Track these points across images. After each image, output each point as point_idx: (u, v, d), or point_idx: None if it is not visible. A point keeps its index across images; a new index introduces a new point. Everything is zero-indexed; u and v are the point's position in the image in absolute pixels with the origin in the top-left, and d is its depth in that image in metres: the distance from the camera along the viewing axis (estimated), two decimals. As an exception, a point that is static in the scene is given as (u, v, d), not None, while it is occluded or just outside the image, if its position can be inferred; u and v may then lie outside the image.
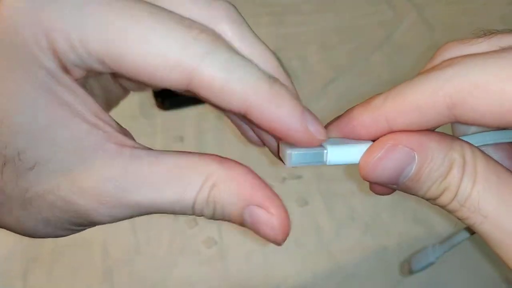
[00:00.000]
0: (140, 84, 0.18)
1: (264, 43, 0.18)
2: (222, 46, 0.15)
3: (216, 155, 0.18)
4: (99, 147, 0.15)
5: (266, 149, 0.48)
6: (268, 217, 0.16)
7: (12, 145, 0.14)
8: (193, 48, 0.14)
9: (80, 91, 0.15)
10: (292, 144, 0.17)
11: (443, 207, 0.18)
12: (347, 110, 0.20)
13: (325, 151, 0.18)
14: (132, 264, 0.40)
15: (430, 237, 0.41)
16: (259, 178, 0.17)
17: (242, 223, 0.17)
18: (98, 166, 0.14)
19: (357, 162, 0.18)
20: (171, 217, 0.43)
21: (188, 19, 0.15)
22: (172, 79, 0.14)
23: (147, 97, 0.55)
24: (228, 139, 0.50)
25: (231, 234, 0.41)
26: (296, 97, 0.17)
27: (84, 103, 0.15)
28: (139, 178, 0.15)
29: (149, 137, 0.49)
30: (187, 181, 0.15)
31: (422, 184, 0.17)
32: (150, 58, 0.13)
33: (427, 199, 0.18)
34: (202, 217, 0.18)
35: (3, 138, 0.13)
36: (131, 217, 0.16)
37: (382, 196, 0.45)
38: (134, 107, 0.53)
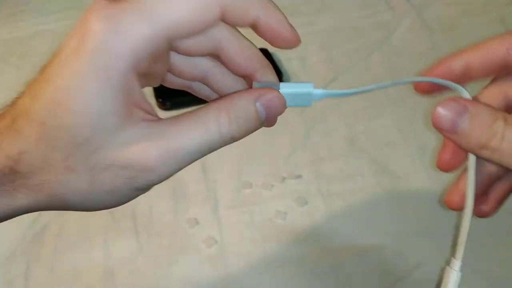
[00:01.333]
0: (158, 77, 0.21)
1: None
2: None
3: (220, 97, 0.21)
4: (140, 126, 0.18)
5: (266, 149, 0.49)
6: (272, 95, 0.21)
7: (83, 134, 0.17)
8: None
9: (137, 89, 0.19)
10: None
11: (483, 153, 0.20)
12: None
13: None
14: (133, 263, 0.40)
15: (429, 236, 0.41)
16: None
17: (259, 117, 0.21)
18: (138, 138, 0.18)
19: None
20: (172, 216, 0.43)
21: None
22: (210, 20, 0.18)
23: (148, 98, 0.55)
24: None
25: (231, 233, 0.41)
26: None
27: (137, 101, 0.19)
28: (175, 132, 0.19)
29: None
30: (206, 122, 0.19)
31: (475, 133, 0.20)
32: (196, 13, 0.17)
33: (479, 149, 0.20)
34: (203, 216, 0.19)
35: (75, 129, 0.17)
36: (180, 168, 0.20)
37: (380, 197, 0.45)
38: (135, 108, 0.53)
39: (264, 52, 0.59)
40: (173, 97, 0.53)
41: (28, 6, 0.72)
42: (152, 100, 0.54)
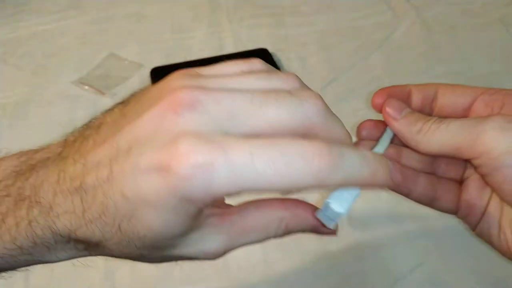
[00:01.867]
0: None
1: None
2: (349, 148, 0.19)
3: (283, 200, 0.22)
4: (212, 226, 0.21)
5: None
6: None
7: (159, 244, 0.19)
8: (320, 168, 0.17)
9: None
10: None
11: None
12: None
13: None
14: (133, 263, 0.40)
15: (428, 235, 0.41)
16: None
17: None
18: (210, 239, 0.21)
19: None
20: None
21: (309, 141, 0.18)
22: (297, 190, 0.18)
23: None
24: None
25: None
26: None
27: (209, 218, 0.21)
28: (241, 231, 0.21)
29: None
30: (268, 227, 0.21)
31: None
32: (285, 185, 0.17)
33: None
34: None
35: (155, 243, 0.19)
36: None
37: (379, 197, 0.45)
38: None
39: (264, 52, 0.60)
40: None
41: (28, 6, 0.72)
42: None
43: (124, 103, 0.21)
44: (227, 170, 0.16)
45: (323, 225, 0.22)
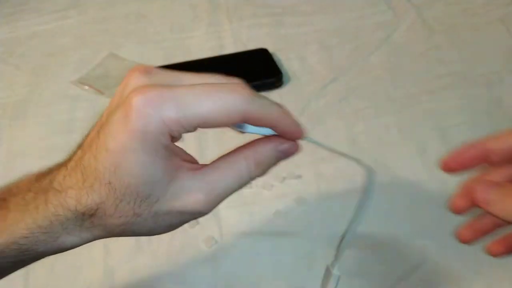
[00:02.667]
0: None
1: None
2: (255, 95, 0.23)
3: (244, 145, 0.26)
4: (187, 177, 0.24)
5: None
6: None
7: (144, 192, 0.22)
8: (243, 100, 0.23)
9: (177, 149, 0.25)
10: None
11: None
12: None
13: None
14: (133, 263, 0.40)
15: (426, 236, 0.41)
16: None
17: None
18: (188, 188, 0.24)
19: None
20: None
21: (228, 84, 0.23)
22: (232, 120, 0.23)
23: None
24: (228, 138, 0.50)
25: (231, 233, 0.41)
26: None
27: (179, 155, 0.25)
28: (216, 179, 0.24)
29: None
30: (238, 168, 0.25)
31: None
32: (221, 113, 0.22)
33: None
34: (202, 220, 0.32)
35: (137, 188, 0.22)
36: (219, 204, 0.25)
37: (380, 197, 0.45)
38: (135, 108, 0.54)
39: (264, 52, 0.60)
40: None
41: (28, 6, 0.73)
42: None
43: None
44: (174, 101, 0.21)
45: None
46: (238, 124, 0.25)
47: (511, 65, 0.60)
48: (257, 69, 0.57)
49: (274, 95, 0.56)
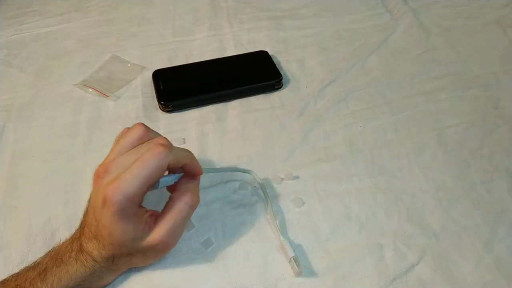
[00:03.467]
0: None
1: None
2: (170, 149, 0.35)
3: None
4: (148, 229, 0.36)
5: (266, 150, 0.50)
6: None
7: (132, 246, 0.35)
8: (165, 158, 0.34)
9: (141, 209, 0.36)
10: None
11: None
12: None
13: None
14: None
15: (425, 235, 0.42)
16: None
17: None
18: (155, 230, 0.36)
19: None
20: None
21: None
22: (164, 170, 0.35)
23: (151, 101, 0.56)
24: (228, 140, 0.51)
25: (229, 234, 0.42)
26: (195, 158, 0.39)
27: (143, 212, 0.36)
28: (168, 217, 0.36)
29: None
30: (180, 206, 0.37)
31: None
32: (157, 174, 0.35)
33: None
34: (200, 220, 0.43)
35: (127, 246, 0.35)
36: (175, 235, 0.37)
37: (377, 197, 0.45)
38: (139, 110, 0.54)
39: (264, 54, 0.60)
40: (174, 100, 0.54)
41: (31, 9, 0.73)
42: (154, 102, 0.55)
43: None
44: (125, 184, 0.33)
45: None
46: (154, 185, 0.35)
47: (507, 66, 0.61)
48: (257, 71, 0.58)
49: (273, 97, 0.56)
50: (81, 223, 0.38)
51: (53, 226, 0.42)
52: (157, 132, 0.38)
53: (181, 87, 0.55)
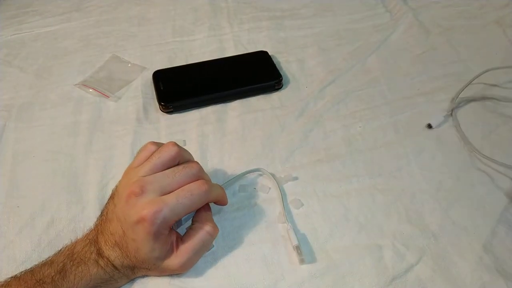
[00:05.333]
0: None
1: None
2: (210, 186, 0.38)
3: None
4: (171, 252, 0.37)
5: (265, 151, 0.50)
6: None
7: (153, 263, 0.37)
8: (206, 194, 0.37)
9: (172, 234, 0.37)
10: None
11: None
12: None
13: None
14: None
15: (424, 235, 0.42)
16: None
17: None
18: (175, 254, 0.37)
19: None
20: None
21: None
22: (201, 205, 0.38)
23: (152, 101, 0.56)
24: (228, 141, 0.51)
25: (229, 235, 0.42)
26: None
27: (172, 238, 0.37)
28: (187, 245, 0.38)
29: (153, 140, 0.50)
30: (202, 234, 0.39)
31: None
32: (196, 206, 0.38)
33: None
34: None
35: (151, 263, 0.37)
36: (193, 262, 0.39)
37: (376, 197, 0.45)
38: (139, 111, 0.54)
39: (264, 54, 0.60)
40: (175, 101, 0.54)
41: (31, 8, 0.73)
42: (155, 103, 0.55)
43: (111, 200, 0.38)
44: (168, 209, 0.34)
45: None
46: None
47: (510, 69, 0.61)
48: (257, 71, 0.58)
49: (273, 97, 0.56)
50: (96, 226, 0.38)
51: (56, 227, 0.43)
52: (187, 151, 0.40)
53: (181, 88, 0.55)
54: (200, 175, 0.38)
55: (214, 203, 0.40)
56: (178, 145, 0.38)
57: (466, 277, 0.39)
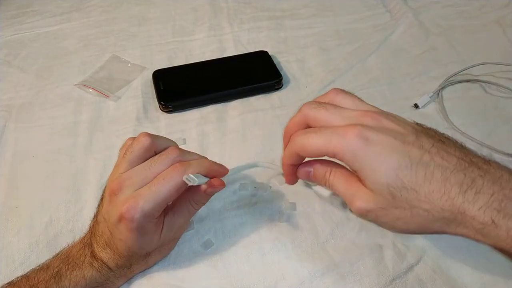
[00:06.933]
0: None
1: None
2: (187, 165, 0.35)
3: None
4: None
5: (266, 150, 0.50)
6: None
7: (146, 251, 0.37)
8: (181, 174, 0.34)
9: (161, 219, 0.36)
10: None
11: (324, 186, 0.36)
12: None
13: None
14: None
15: (425, 236, 0.42)
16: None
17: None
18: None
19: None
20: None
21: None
22: (182, 188, 0.35)
23: (151, 101, 0.56)
24: (228, 140, 0.51)
25: (229, 234, 0.42)
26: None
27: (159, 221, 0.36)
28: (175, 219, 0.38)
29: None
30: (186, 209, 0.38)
31: (317, 178, 0.36)
32: (174, 191, 0.34)
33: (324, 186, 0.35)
34: (202, 218, 0.44)
35: (141, 253, 0.36)
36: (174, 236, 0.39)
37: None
38: (139, 111, 0.54)
39: (264, 54, 0.60)
40: (174, 100, 0.54)
41: (31, 9, 0.73)
42: (155, 103, 0.55)
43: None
44: (143, 201, 0.32)
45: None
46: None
47: (508, 66, 0.61)
48: (257, 71, 0.58)
49: (273, 97, 0.56)
50: (90, 228, 0.38)
51: (55, 227, 0.43)
52: (164, 137, 0.38)
53: (181, 87, 0.55)
54: (179, 159, 0.35)
55: (210, 178, 0.37)
56: (150, 135, 0.36)
57: (466, 277, 0.39)
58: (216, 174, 0.37)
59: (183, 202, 0.37)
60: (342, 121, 0.32)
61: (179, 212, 0.37)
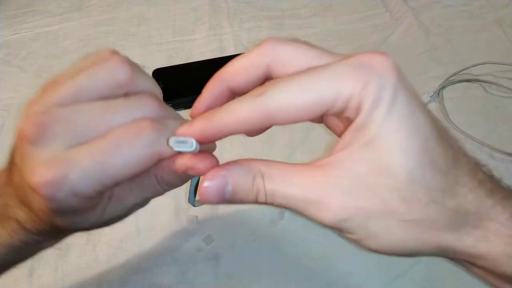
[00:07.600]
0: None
1: None
2: (160, 129, 0.23)
3: None
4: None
5: (266, 150, 0.50)
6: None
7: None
8: (153, 140, 0.22)
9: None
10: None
11: (261, 203, 0.23)
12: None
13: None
14: (135, 262, 0.41)
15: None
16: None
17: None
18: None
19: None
20: (172, 215, 0.44)
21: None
22: (151, 163, 0.22)
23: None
24: (228, 139, 0.51)
25: (230, 233, 0.42)
26: None
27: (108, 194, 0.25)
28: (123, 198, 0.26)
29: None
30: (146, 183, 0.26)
31: (240, 195, 0.22)
32: (138, 167, 0.22)
33: (254, 203, 0.23)
34: (203, 215, 0.36)
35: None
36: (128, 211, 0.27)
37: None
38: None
39: (264, 54, 0.60)
40: (174, 99, 0.54)
41: (31, 8, 0.73)
42: (154, 101, 0.55)
43: None
44: (76, 175, 0.20)
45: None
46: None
47: (508, 66, 0.61)
48: (257, 71, 0.58)
49: (273, 96, 0.56)
50: (7, 165, 0.24)
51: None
52: (149, 77, 0.26)
53: (181, 86, 0.55)
54: (154, 113, 0.23)
55: (200, 143, 0.24)
56: (132, 64, 0.24)
57: (467, 277, 0.39)
58: (205, 146, 0.24)
59: (146, 175, 0.24)
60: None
61: (138, 184, 0.24)
